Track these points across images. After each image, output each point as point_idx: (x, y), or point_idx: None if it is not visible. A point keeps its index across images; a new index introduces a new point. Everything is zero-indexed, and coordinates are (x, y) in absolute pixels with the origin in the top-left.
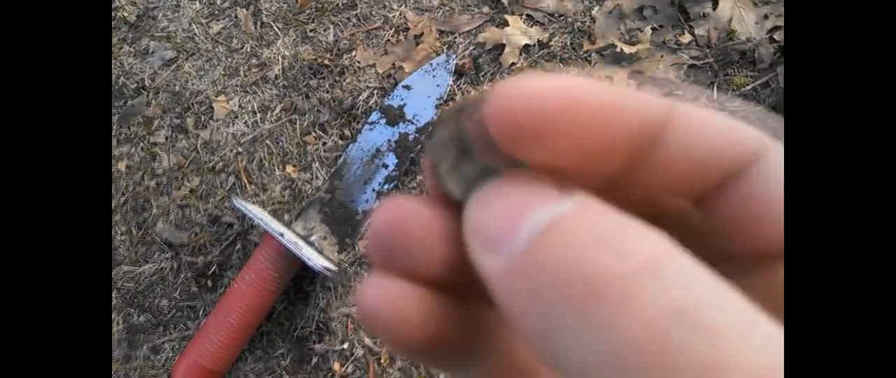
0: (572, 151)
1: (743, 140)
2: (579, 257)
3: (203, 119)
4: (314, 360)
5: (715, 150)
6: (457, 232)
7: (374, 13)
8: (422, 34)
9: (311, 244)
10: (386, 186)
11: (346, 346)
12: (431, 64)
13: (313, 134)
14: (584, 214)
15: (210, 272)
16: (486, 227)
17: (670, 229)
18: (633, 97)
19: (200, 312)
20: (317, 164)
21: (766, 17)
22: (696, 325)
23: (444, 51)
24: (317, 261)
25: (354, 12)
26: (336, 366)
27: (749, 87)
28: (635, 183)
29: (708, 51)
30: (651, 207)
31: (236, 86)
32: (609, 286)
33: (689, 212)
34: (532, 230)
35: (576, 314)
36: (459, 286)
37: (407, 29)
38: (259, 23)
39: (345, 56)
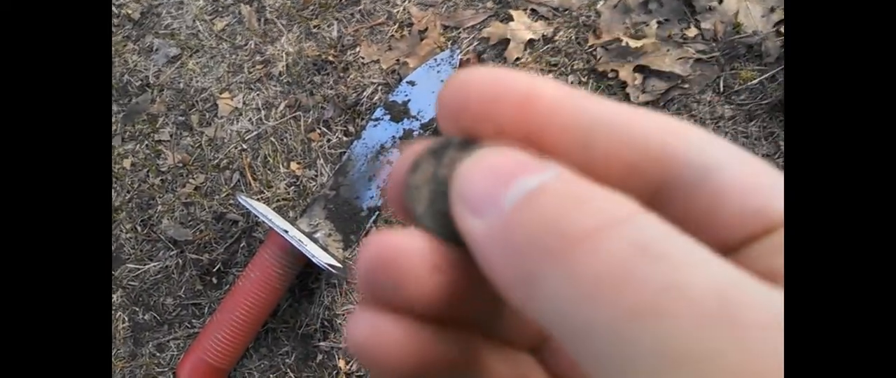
0: (517, 132)
1: (673, 141)
2: (557, 217)
3: (207, 116)
4: (319, 357)
5: (643, 154)
6: (440, 263)
7: (377, 9)
8: (426, 29)
9: (315, 241)
10: None
11: None
12: (436, 59)
13: (318, 131)
14: (562, 182)
15: (215, 269)
16: (472, 193)
17: None
18: (567, 95)
19: (205, 310)
20: (321, 160)
21: (772, 9)
22: (657, 256)
23: (449, 46)
24: (321, 258)
25: (358, 8)
26: (341, 363)
27: (756, 81)
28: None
29: (714, 45)
30: None
31: (240, 83)
32: (583, 238)
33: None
34: (516, 195)
35: (553, 264)
36: (447, 315)
37: (411, 24)
38: (263, 19)
39: (349, 52)
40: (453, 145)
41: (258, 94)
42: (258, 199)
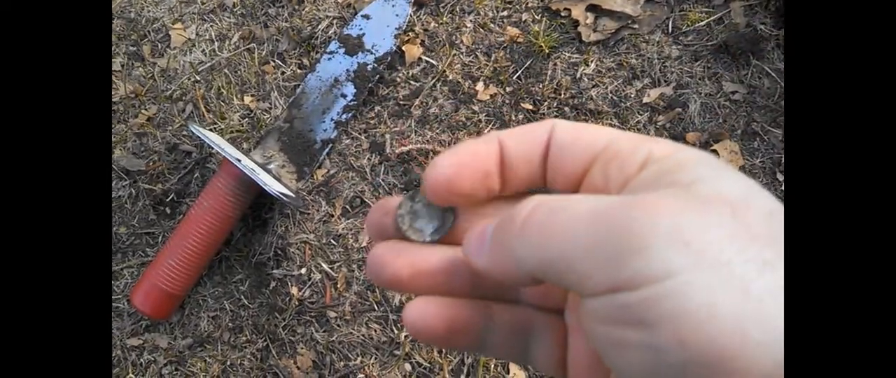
0: (478, 189)
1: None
2: (505, 236)
3: (160, 47)
4: (272, 284)
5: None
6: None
7: None
8: None
9: (269, 172)
10: (344, 116)
11: (303, 271)
12: None
13: (272, 63)
14: (501, 221)
15: (168, 199)
16: (472, 247)
17: None
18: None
19: (159, 239)
20: (275, 93)
21: None
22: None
23: None
24: (274, 186)
25: None
26: (294, 290)
27: (703, 23)
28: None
29: None
30: None
31: (193, 13)
32: (513, 236)
33: None
34: (488, 235)
35: (509, 257)
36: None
37: None
38: None
39: None
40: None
41: (211, 26)
42: (212, 131)
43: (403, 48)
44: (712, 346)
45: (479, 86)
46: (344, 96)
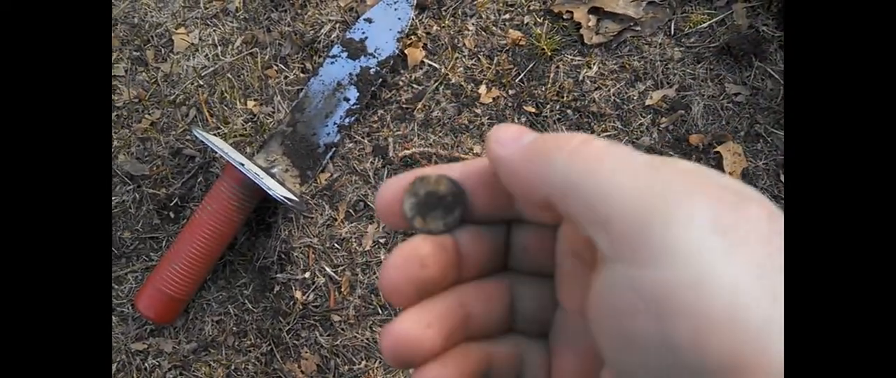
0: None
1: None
2: (550, 142)
3: (163, 52)
4: (276, 288)
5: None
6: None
7: None
8: None
9: (273, 176)
10: (347, 120)
11: (307, 275)
12: None
13: (275, 67)
14: (541, 136)
15: (172, 204)
16: (505, 137)
17: None
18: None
19: (163, 243)
20: (278, 97)
21: None
22: (586, 142)
23: None
24: (277, 190)
25: None
26: (298, 294)
27: (705, 25)
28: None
29: None
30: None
31: (196, 18)
32: (563, 145)
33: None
34: (529, 138)
35: (556, 153)
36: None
37: None
38: None
39: None
40: (418, 182)
41: (214, 30)
42: (215, 135)
43: (406, 51)
44: (730, 353)
45: (482, 89)
46: (347, 100)
